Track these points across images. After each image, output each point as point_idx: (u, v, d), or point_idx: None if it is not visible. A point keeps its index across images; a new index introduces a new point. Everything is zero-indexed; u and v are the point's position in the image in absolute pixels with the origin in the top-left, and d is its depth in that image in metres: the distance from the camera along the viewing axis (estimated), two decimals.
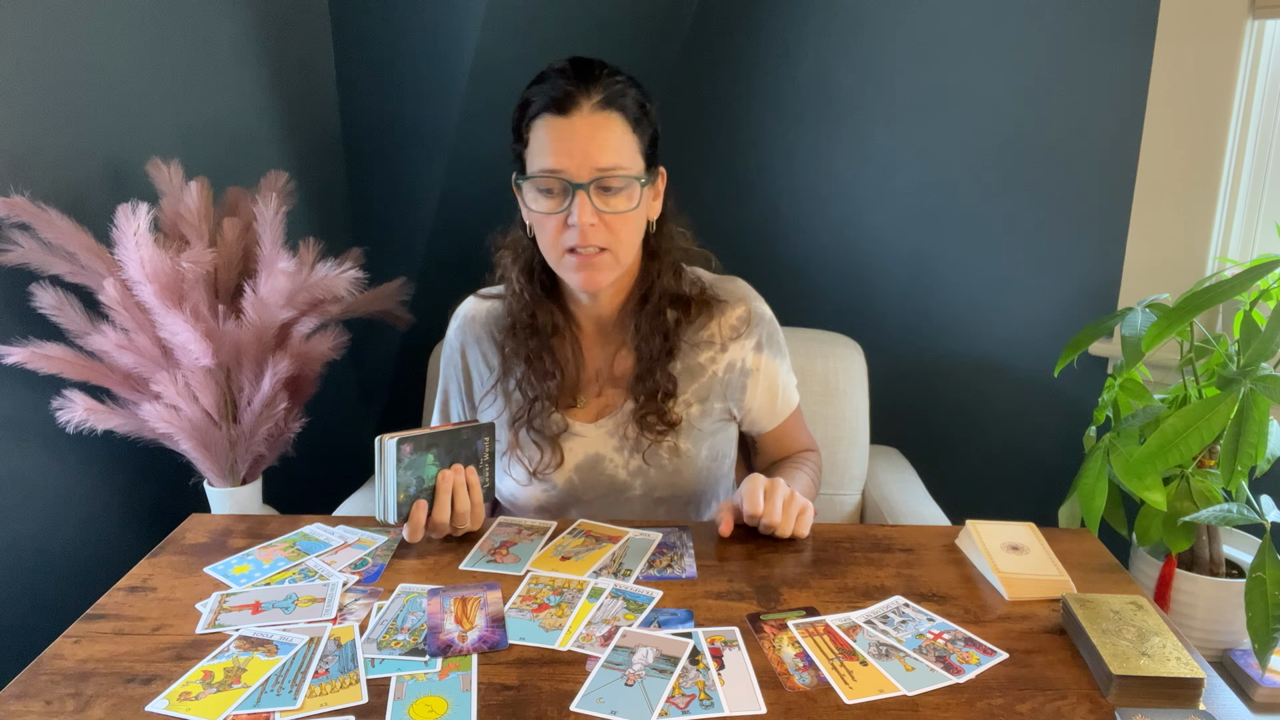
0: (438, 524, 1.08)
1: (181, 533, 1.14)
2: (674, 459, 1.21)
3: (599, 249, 1.09)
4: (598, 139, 1.06)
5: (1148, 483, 1.33)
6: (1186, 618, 1.41)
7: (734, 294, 1.25)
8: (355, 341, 1.83)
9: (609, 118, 1.07)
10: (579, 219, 1.06)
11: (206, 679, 0.84)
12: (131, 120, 1.66)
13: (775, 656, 0.86)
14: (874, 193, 1.98)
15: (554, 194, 1.08)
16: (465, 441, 1.11)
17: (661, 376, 1.19)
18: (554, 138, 1.06)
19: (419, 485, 1.07)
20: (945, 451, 2.01)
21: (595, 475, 1.23)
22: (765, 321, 1.26)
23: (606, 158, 1.06)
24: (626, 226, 1.10)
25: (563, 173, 1.06)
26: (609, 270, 1.12)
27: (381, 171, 2.11)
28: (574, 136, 1.05)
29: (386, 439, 1.04)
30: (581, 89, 1.06)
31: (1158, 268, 1.72)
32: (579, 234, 1.07)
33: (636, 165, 1.10)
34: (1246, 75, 1.60)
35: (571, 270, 1.11)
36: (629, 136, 1.09)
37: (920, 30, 1.85)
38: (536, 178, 1.08)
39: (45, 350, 1.48)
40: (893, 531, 1.13)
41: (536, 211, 1.10)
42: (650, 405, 1.19)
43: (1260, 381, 1.23)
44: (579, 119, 1.06)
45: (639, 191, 1.10)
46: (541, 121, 1.08)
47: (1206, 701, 0.80)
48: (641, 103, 1.11)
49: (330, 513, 1.37)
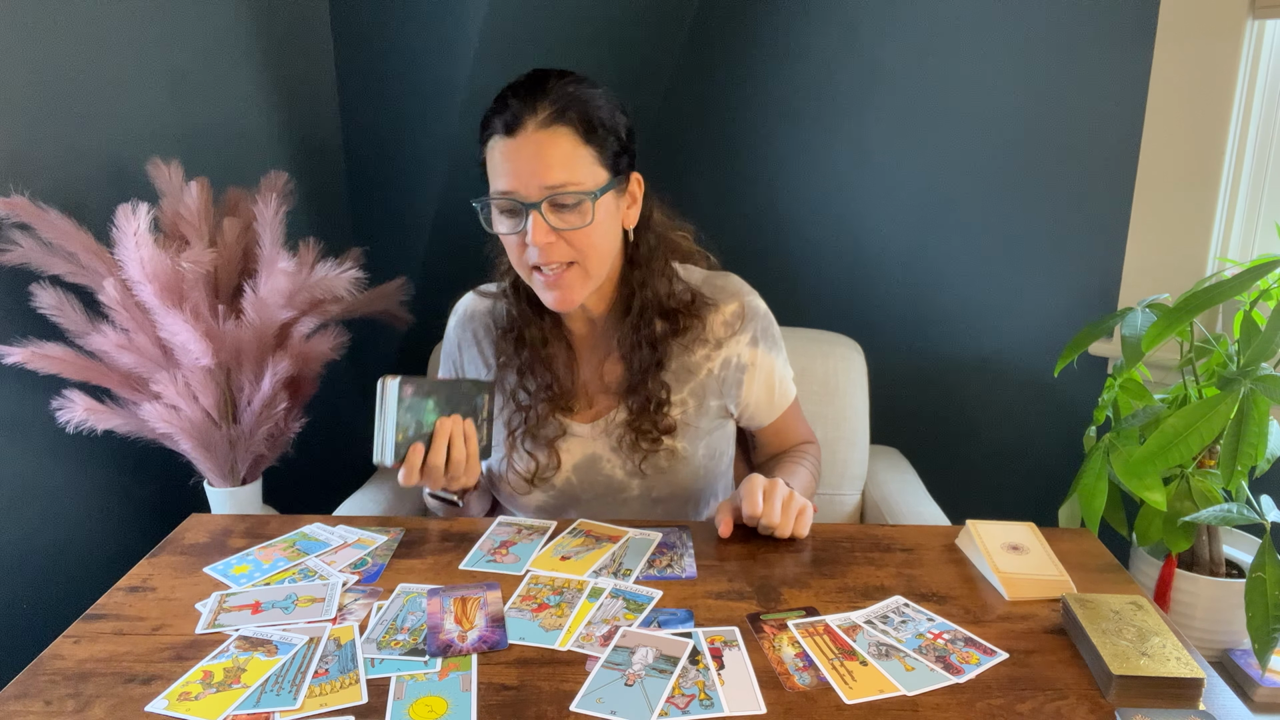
0: (433, 469, 1.08)
1: (181, 533, 1.14)
2: (671, 459, 1.21)
3: (565, 264, 1.09)
4: (543, 157, 1.05)
5: (1148, 483, 1.33)
6: (1186, 618, 1.41)
7: (727, 291, 1.24)
8: (355, 341, 1.83)
9: (554, 134, 1.05)
10: (533, 239, 1.06)
11: (206, 679, 0.84)
12: (131, 120, 1.66)
13: (775, 656, 0.86)
14: (874, 192, 1.98)
15: (511, 215, 1.09)
16: (465, 395, 1.12)
17: (654, 385, 1.18)
18: (504, 159, 1.07)
19: (418, 430, 1.07)
20: (945, 451, 2.01)
21: (593, 475, 1.23)
22: (759, 315, 1.25)
23: (554, 175, 1.05)
24: (588, 240, 1.08)
25: (514, 194, 1.06)
26: (579, 286, 1.11)
27: (381, 171, 2.11)
28: (520, 156, 1.05)
29: (389, 379, 1.05)
30: (528, 107, 1.05)
31: (1158, 268, 1.72)
32: (539, 253, 1.07)
33: (593, 177, 1.07)
34: (1246, 75, 1.60)
35: (542, 289, 1.12)
36: (580, 149, 1.06)
37: (920, 30, 1.85)
38: (490, 200, 1.09)
39: (45, 350, 1.48)
40: (893, 531, 1.13)
41: (499, 233, 1.11)
42: (644, 416, 1.19)
43: (1260, 381, 1.23)
44: (524, 139, 1.05)
45: (592, 206, 1.07)
46: (494, 143, 1.08)
47: (1206, 701, 0.80)
48: (595, 113, 1.08)
49: (330, 513, 1.37)
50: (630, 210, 1.16)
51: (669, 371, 1.20)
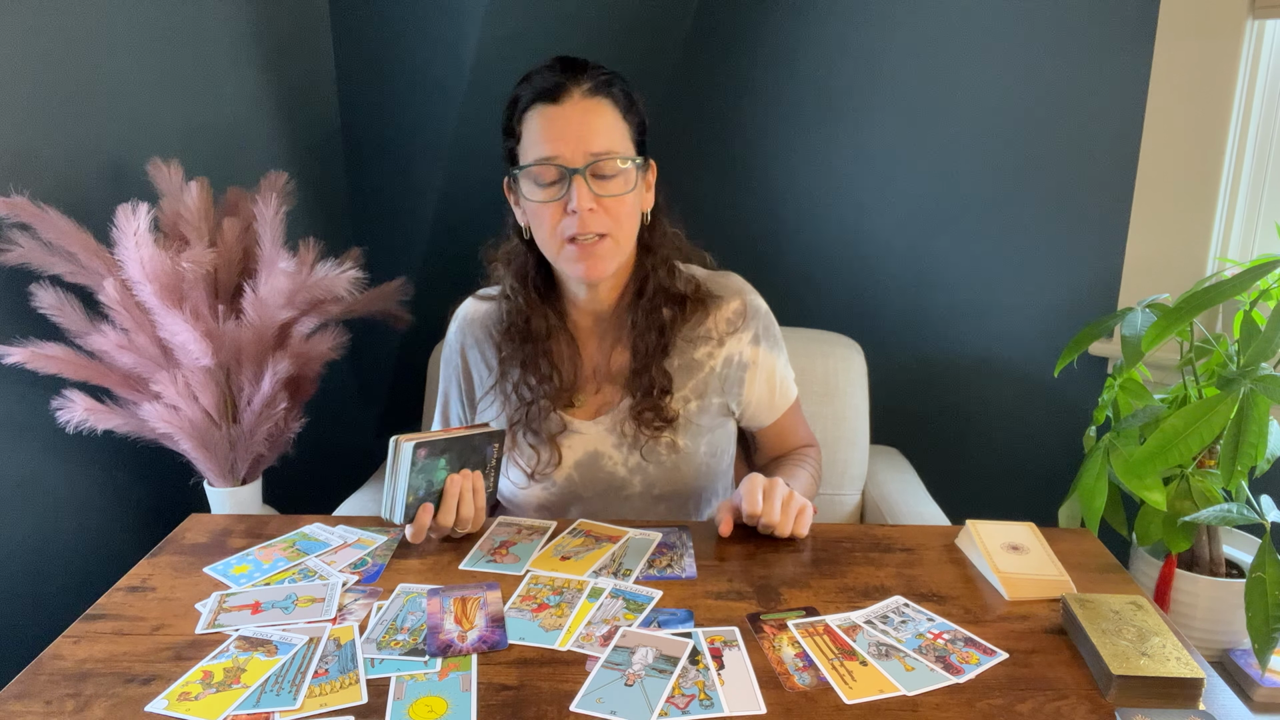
0: (442, 527, 1.08)
1: (181, 533, 1.14)
2: (672, 455, 1.21)
3: (599, 236, 1.09)
4: (590, 124, 1.08)
5: (1148, 483, 1.33)
6: (1186, 618, 1.41)
7: (729, 288, 1.25)
8: (355, 341, 1.83)
9: (599, 104, 1.09)
10: (578, 204, 1.06)
11: (206, 679, 0.84)
12: (131, 120, 1.66)
13: (775, 656, 0.86)
14: (874, 192, 1.98)
15: (550, 183, 1.09)
16: (476, 447, 1.11)
17: (657, 372, 1.19)
18: (547, 125, 1.08)
19: (428, 489, 1.07)
20: (945, 451, 2.01)
21: (594, 472, 1.23)
22: (761, 314, 1.25)
23: (600, 142, 1.07)
24: (624, 210, 1.11)
25: (558, 159, 1.07)
26: (610, 258, 1.12)
27: (381, 171, 2.11)
28: (567, 122, 1.07)
29: (404, 441, 1.04)
30: (571, 78, 1.09)
31: (1158, 268, 1.72)
32: (579, 221, 1.07)
33: (629, 150, 1.12)
34: (1246, 75, 1.60)
35: (573, 260, 1.11)
36: (620, 123, 1.11)
37: (920, 30, 1.85)
38: (532, 166, 1.09)
39: (45, 350, 1.48)
40: (893, 531, 1.13)
41: (533, 202, 1.11)
42: (647, 402, 1.19)
43: (1260, 381, 1.23)
44: (570, 105, 1.08)
45: (635, 175, 1.11)
46: (534, 112, 1.09)
47: (1206, 701, 0.80)
48: (628, 92, 1.14)
49: (330, 513, 1.37)
50: (648, 194, 1.19)
51: (673, 363, 1.21)
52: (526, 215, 1.15)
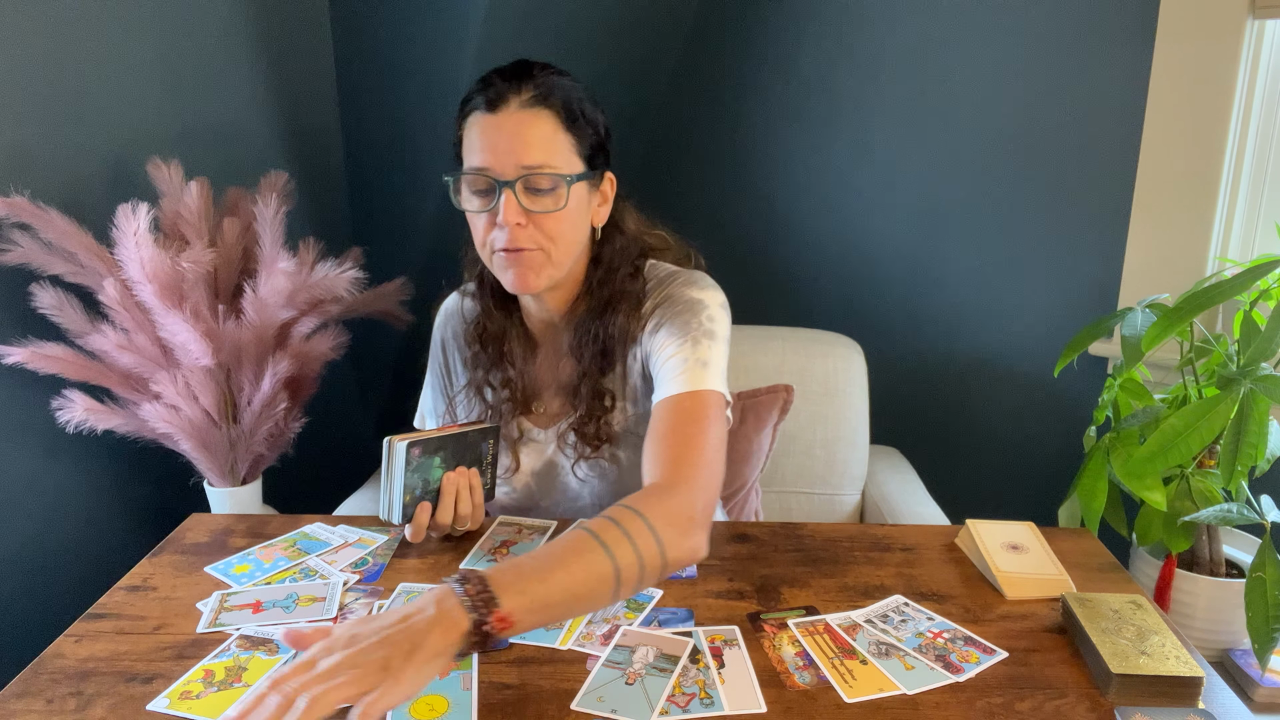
0: (441, 525, 1.08)
1: (182, 532, 1.14)
2: (614, 466, 1.17)
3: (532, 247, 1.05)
4: (523, 136, 1.03)
5: (1148, 483, 1.33)
6: (1186, 618, 1.41)
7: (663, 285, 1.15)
8: (355, 341, 1.83)
9: (537, 115, 1.04)
10: (504, 218, 1.02)
11: (207, 678, 0.84)
12: (131, 120, 1.66)
13: (775, 655, 0.86)
14: (874, 193, 1.98)
15: (483, 192, 1.05)
16: (471, 444, 1.11)
17: (596, 387, 1.14)
18: (482, 134, 1.04)
19: (424, 487, 1.07)
20: (945, 451, 2.01)
21: (550, 481, 1.21)
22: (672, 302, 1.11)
23: (532, 155, 1.03)
24: (559, 226, 1.05)
25: (489, 170, 1.03)
26: (541, 270, 1.06)
27: (381, 171, 2.11)
28: (500, 133, 1.03)
29: (397, 441, 1.04)
30: (513, 87, 1.04)
31: (1158, 268, 1.72)
32: (507, 235, 1.03)
33: (569, 165, 1.05)
34: (1246, 75, 1.60)
35: (502, 269, 1.07)
36: (559, 134, 1.05)
37: (920, 30, 1.85)
38: (464, 175, 1.06)
39: (45, 350, 1.48)
40: (893, 531, 1.13)
41: (468, 210, 1.08)
42: (585, 421, 1.14)
43: (1260, 381, 1.23)
44: (505, 116, 1.03)
45: (566, 191, 1.05)
46: (473, 119, 1.06)
47: (1206, 701, 0.80)
48: (576, 103, 1.07)
49: (330, 512, 1.37)
50: (601, 209, 1.13)
51: (617, 376, 1.15)
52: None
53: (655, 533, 0.85)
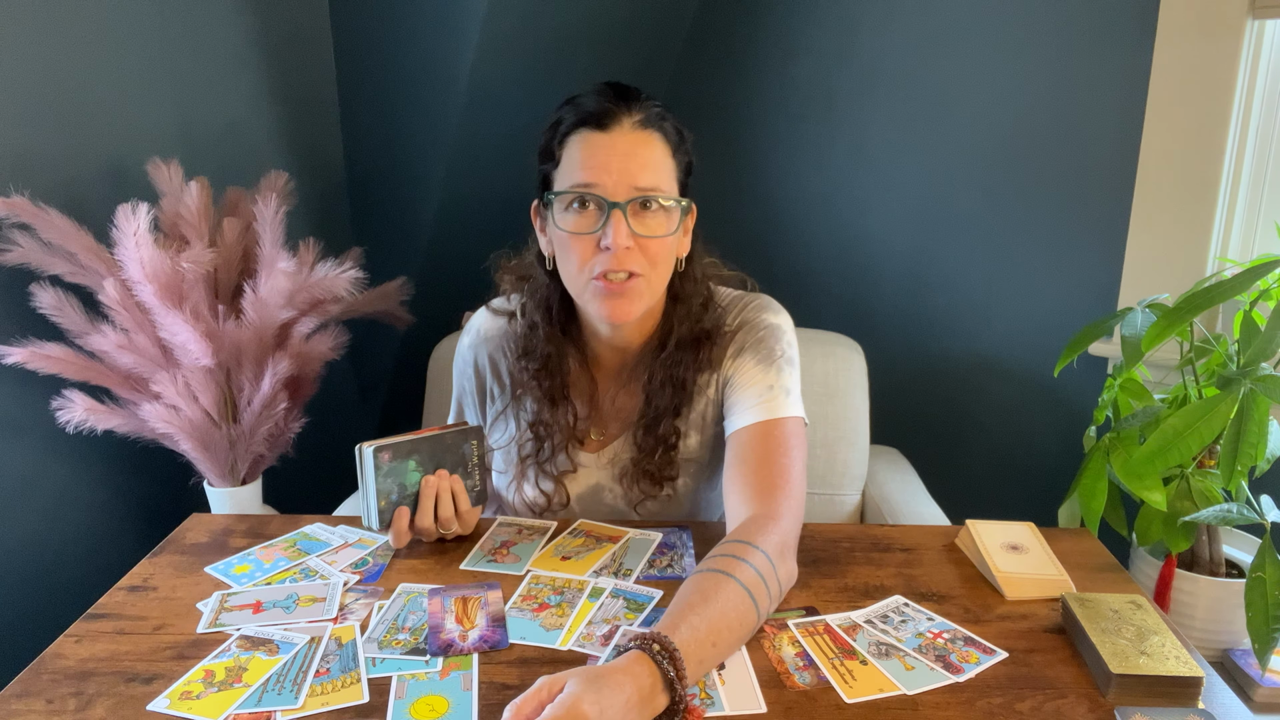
0: (422, 530, 1.06)
1: (182, 532, 1.14)
2: (670, 493, 1.16)
3: (629, 274, 1.01)
4: (639, 156, 1.00)
5: (1148, 483, 1.33)
6: (1186, 618, 1.41)
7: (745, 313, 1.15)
8: (355, 341, 1.83)
9: (650, 137, 1.02)
10: (614, 240, 0.98)
11: (208, 678, 0.84)
12: (131, 120, 1.66)
13: (775, 656, 0.86)
14: (874, 193, 1.98)
15: (587, 212, 1.01)
16: (450, 446, 1.09)
17: (667, 428, 1.12)
18: (591, 153, 1.00)
19: (401, 492, 1.05)
20: (945, 451, 2.01)
21: (595, 504, 1.19)
22: (753, 328, 1.13)
23: (646, 177, 1.00)
24: (661, 253, 1.03)
25: (598, 187, 0.99)
26: (639, 299, 1.03)
27: (382, 171, 2.11)
28: (613, 152, 1.00)
29: (365, 447, 1.02)
30: (623, 106, 1.02)
31: (1158, 268, 1.72)
32: (612, 258, 0.99)
33: (674, 189, 1.05)
34: (1246, 75, 1.60)
35: (599, 298, 1.02)
36: (669, 160, 1.04)
37: (920, 30, 1.85)
38: (568, 193, 1.01)
39: (45, 350, 1.48)
40: (893, 531, 1.13)
41: (564, 231, 1.02)
42: (650, 460, 1.12)
43: (1260, 381, 1.23)
44: (619, 135, 1.01)
45: (678, 216, 1.04)
46: (578, 137, 1.02)
47: (1206, 701, 0.80)
48: (680, 130, 1.07)
49: (330, 513, 1.37)
50: (684, 239, 1.11)
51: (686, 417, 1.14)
52: (553, 244, 1.07)
53: (775, 569, 0.91)
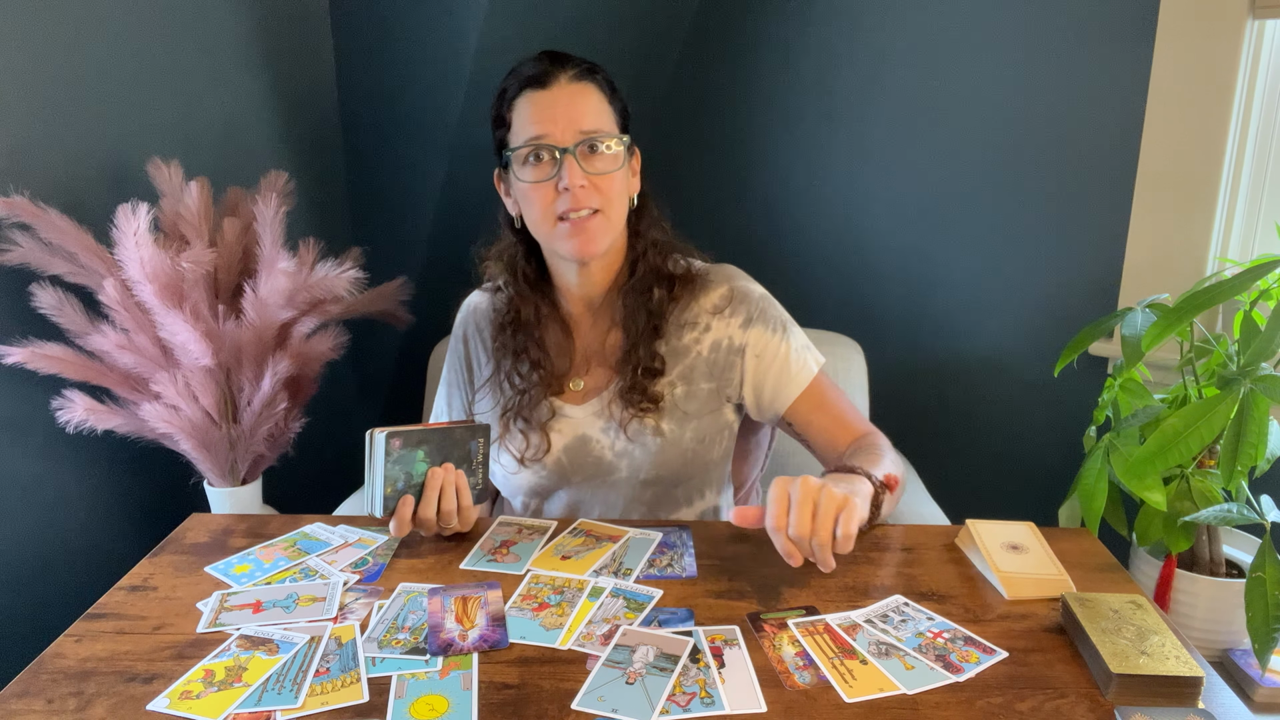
0: (424, 521, 1.07)
1: (182, 532, 1.14)
2: (657, 439, 1.21)
3: (591, 211, 1.13)
4: (578, 104, 1.13)
5: (1148, 483, 1.33)
6: (1186, 618, 1.41)
7: (719, 275, 1.27)
8: (355, 341, 1.83)
9: (586, 87, 1.15)
10: (570, 180, 1.10)
11: (208, 678, 0.84)
12: (131, 120, 1.66)
13: (775, 655, 0.86)
14: (874, 192, 1.98)
15: (542, 162, 1.13)
16: (458, 441, 1.11)
17: (646, 353, 1.21)
18: (538, 109, 1.13)
19: (407, 481, 1.06)
20: (945, 451, 2.01)
21: (582, 456, 1.23)
22: (751, 298, 1.24)
23: (589, 121, 1.13)
24: (614, 187, 1.15)
25: (548, 137, 1.12)
26: (602, 234, 1.15)
27: (381, 171, 2.11)
28: (556, 104, 1.12)
29: (377, 432, 1.05)
30: (558, 66, 1.14)
31: (1158, 268, 1.72)
32: (571, 197, 1.11)
33: (616, 130, 1.17)
34: (1246, 75, 1.60)
35: (565, 238, 1.14)
36: (605, 105, 1.16)
37: (920, 30, 1.85)
38: (523, 148, 1.13)
39: (45, 350, 1.48)
40: (893, 531, 1.13)
41: (525, 183, 1.14)
42: (634, 382, 1.21)
43: (1260, 381, 1.23)
44: (558, 89, 1.13)
45: (624, 155, 1.16)
46: (523, 98, 1.14)
47: (1206, 701, 0.80)
48: (611, 82, 1.19)
49: (330, 513, 1.37)
50: (634, 180, 1.23)
51: (663, 346, 1.23)
52: (518, 202, 1.19)
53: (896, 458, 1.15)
